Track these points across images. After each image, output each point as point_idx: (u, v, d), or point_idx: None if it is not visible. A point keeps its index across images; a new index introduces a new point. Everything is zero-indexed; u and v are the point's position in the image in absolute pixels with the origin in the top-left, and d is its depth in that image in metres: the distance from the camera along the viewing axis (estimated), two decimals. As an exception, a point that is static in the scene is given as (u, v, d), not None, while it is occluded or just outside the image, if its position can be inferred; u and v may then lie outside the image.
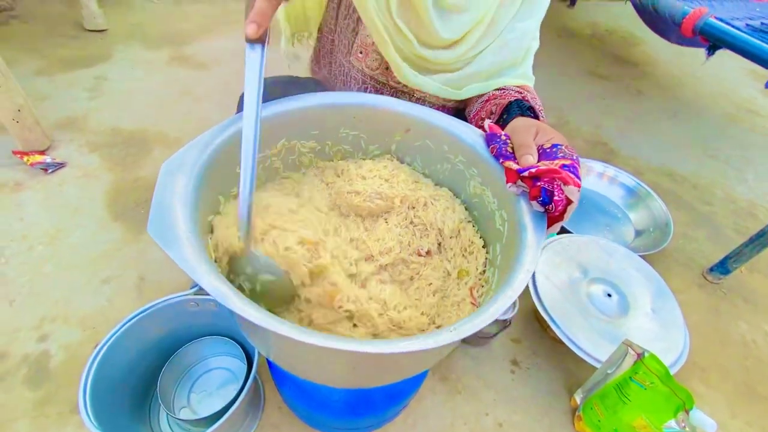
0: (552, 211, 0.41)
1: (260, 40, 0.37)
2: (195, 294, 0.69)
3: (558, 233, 1.07)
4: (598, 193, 1.34)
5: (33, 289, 0.92)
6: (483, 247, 0.51)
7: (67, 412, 0.75)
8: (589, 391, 0.80)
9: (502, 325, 0.86)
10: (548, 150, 0.43)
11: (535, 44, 0.66)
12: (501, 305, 0.35)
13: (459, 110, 0.74)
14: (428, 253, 0.50)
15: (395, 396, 0.70)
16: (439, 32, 0.58)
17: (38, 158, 1.17)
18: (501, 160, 0.46)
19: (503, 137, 0.47)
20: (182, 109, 1.47)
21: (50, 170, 1.16)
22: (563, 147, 0.43)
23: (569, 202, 0.40)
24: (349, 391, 0.64)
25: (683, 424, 0.65)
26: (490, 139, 0.49)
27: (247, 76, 0.37)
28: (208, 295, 0.31)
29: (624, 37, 2.54)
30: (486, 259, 0.50)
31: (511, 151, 0.46)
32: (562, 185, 0.40)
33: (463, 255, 0.50)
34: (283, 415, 0.79)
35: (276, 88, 0.54)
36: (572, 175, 0.40)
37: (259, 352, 0.70)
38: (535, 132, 0.46)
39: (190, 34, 1.89)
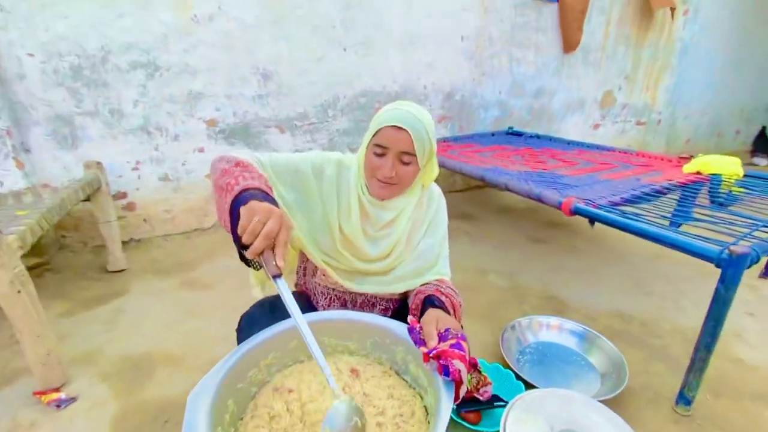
0: (452, 378, 0.61)
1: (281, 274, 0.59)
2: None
3: (526, 388, 1.19)
4: (558, 345, 1.50)
5: None
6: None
7: None
8: None
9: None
10: (443, 333, 0.67)
11: (444, 251, 0.97)
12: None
13: (404, 299, 0.99)
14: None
15: None
16: (370, 253, 0.89)
17: (54, 396, 1.30)
18: (418, 346, 0.68)
19: (418, 328, 0.71)
20: (186, 327, 1.69)
21: (63, 406, 1.28)
22: (451, 329, 0.67)
23: (460, 370, 0.61)
24: None
25: None
26: (410, 330, 0.72)
27: (287, 297, 0.59)
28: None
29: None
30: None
31: (423, 338, 0.68)
32: (452, 361, 0.61)
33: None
34: None
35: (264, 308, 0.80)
36: (457, 350, 0.62)
37: None
38: (436, 322, 0.70)
39: (197, 260, 2.28)
